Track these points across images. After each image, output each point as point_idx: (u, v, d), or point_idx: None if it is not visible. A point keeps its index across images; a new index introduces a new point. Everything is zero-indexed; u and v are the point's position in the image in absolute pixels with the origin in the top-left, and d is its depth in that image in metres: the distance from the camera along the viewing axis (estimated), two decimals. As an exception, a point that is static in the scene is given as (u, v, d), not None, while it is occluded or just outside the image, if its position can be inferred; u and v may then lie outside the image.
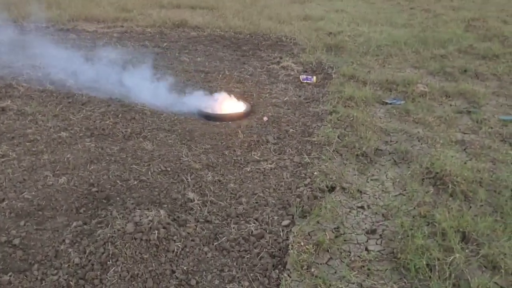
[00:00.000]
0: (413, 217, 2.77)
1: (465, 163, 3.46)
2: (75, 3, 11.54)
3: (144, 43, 7.75)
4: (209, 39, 8.17)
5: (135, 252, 2.37)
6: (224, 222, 2.78)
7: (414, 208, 2.88)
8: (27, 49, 6.99)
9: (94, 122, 4.28)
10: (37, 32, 8.46)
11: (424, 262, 2.28)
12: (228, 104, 4.77)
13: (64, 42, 7.65)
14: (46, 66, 6.07)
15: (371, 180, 3.32)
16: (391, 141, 3.96)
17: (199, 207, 2.91)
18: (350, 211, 2.90)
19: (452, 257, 2.29)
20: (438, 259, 2.29)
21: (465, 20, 9.50)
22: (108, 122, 4.27)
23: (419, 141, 3.94)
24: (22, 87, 5.18)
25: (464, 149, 3.75)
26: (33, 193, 3.03)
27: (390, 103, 4.86)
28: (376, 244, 2.58)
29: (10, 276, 2.26)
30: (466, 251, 2.40)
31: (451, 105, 4.82)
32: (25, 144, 3.76)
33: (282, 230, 2.66)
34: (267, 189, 3.16)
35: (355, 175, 3.37)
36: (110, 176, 3.27)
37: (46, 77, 5.62)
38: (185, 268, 2.37)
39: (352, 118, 4.30)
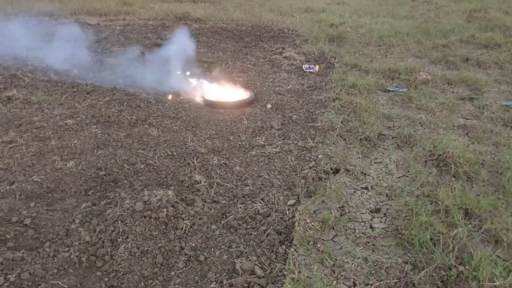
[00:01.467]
0: (417, 197, 2.82)
1: (467, 146, 3.50)
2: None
3: (146, 35, 7.77)
4: (212, 31, 8.20)
5: (145, 229, 2.42)
6: (231, 202, 2.83)
7: (418, 188, 2.92)
8: (30, 41, 7.02)
9: (100, 110, 4.32)
10: (40, 25, 8.47)
11: (428, 237, 2.33)
12: (232, 92, 4.81)
13: (67, 35, 7.68)
14: (50, 58, 6.10)
15: (375, 163, 3.36)
16: (394, 126, 4.00)
17: (206, 188, 2.96)
18: (354, 192, 2.94)
19: (455, 231, 2.33)
20: (442, 234, 2.33)
21: (467, 11, 9.51)
22: (113, 110, 4.31)
23: (421, 126, 3.98)
24: (27, 77, 5.22)
25: (467, 133, 3.79)
26: (42, 176, 3.08)
27: (393, 91, 4.89)
28: (381, 222, 2.62)
29: (23, 253, 2.31)
30: (469, 226, 2.45)
31: (453, 92, 4.86)
32: (32, 131, 3.81)
33: (288, 209, 2.71)
34: (272, 172, 3.20)
35: (358, 158, 3.41)
36: (117, 160, 3.31)
37: (50, 67, 5.66)
38: (193, 244, 2.42)
39: (355, 105, 4.33)
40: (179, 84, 4.97)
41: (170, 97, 4.70)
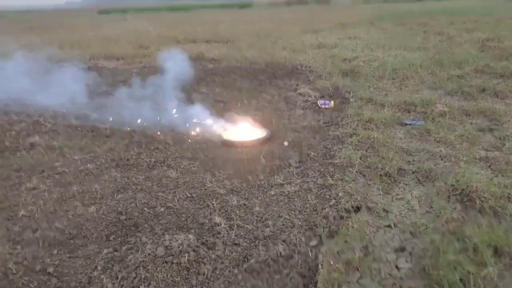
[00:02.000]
0: (443, 234, 2.75)
1: (491, 179, 3.43)
2: (95, 43, 11.97)
3: (162, 77, 7.93)
4: (226, 71, 8.35)
5: (167, 275, 2.40)
6: (252, 244, 2.80)
7: (443, 225, 2.86)
8: (52, 87, 7.23)
9: (119, 153, 4.38)
10: (61, 71, 8.75)
11: (457, 277, 2.25)
12: (249, 131, 4.84)
13: (86, 79, 7.91)
14: (70, 103, 6.27)
15: (396, 199, 3.31)
16: (413, 160, 3.96)
17: (226, 230, 2.94)
18: (377, 230, 2.88)
19: (485, 271, 2.26)
20: (471, 274, 2.26)
21: (480, 41, 9.56)
22: (132, 152, 4.37)
23: (442, 159, 3.93)
24: (48, 123, 5.36)
25: (489, 166, 3.72)
26: (64, 222, 3.10)
27: (410, 124, 4.87)
28: (406, 262, 2.56)
29: (46, 302, 2.31)
30: (500, 265, 2.37)
31: (472, 124, 4.81)
32: (54, 177, 3.87)
33: (311, 251, 2.66)
34: (292, 211, 3.17)
35: (379, 194, 3.37)
36: (137, 204, 3.33)
37: (71, 112, 5.80)
38: (216, 290, 2.38)
39: (372, 140, 4.32)
40: (196, 124, 5.04)
41: (188, 137, 4.75)
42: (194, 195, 3.47)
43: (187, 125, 5.04)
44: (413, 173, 3.72)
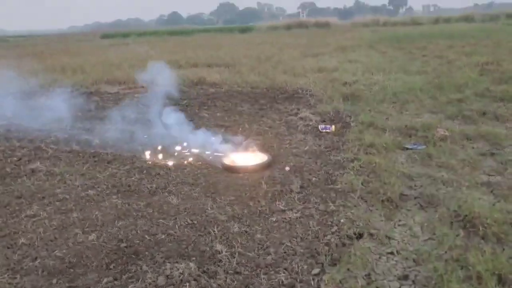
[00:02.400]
0: (446, 261, 2.72)
1: (493, 204, 3.41)
2: (97, 67, 12.10)
3: (164, 101, 7.99)
4: (227, 95, 8.42)
5: (167, 306, 2.37)
6: (253, 273, 2.77)
7: (446, 252, 2.83)
8: (54, 112, 7.29)
9: (120, 179, 4.38)
10: (63, 96, 8.83)
11: (462, 307, 2.22)
12: (250, 156, 4.85)
13: (88, 104, 7.98)
14: (72, 128, 6.31)
15: (399, 225, 3.28)
16: (415, 185, 3.95)
17: (228, 258, 2.91)
18: (380, 258, 2.86)
19: (490, 301, 2.23)
20: (476, 303, 2.22)
21: (479, 64, 9.64)
22: (133, 178, 4.37)
23: (444, 184, 3.92)
24: (50, 149, 5.37)
25: (491, 191, 3.71)
26: (64, 251, 3.07)
27: (411, 148, 4.87)
28: (410, 290, 2.53)
29: (44, 334, 2.27)
30: (505, 294, 2.33)
31: (473, 148, 4.81)
32: (55, 204, 3.86)
33: (313, 279, 2.63)
34: (294, 239, 3.15)
35: (382, 220, 3.35)
36: (138, 231, 3.31)
37: (72, 138, 5.83)
38: (217, 321, 2.35)
39: (374, 165, 4.32)
40: (197, 149, 5.05)
41: (188, 161, 4.76)
42: (195, 222, 3.45)
43: (188, 150, 5.05)
44: (415, 198, 3.70)
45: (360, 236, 3.11)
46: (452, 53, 12.72)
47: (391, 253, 2.91)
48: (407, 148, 4.89)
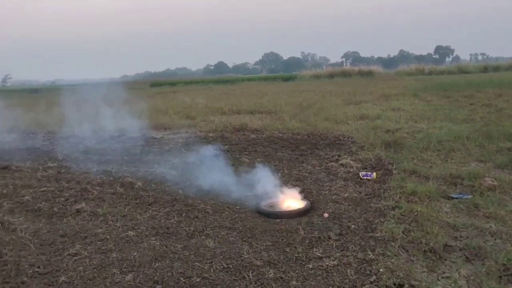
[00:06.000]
0: (494, 319, 2.55)
1: (546, 259, 3.19)
2: (145, 113, 12.58)
3: (206, 147, 8.16)
4: (268, 141, 8.48)
5: None
6: (287, 321, 2.69)
7: (494, 308, 2.65)
8: (101, 156, 7.62)
9: (160, 221, 4.45)
10: (110, 141, 9.23)
11: None
12: (288, 201, 4.82)
13: (133, 148, 8.26)
14: (118, 171, 6.53)
15: (442, 277, 3.12)
16: (460, 236, 3.77)
17: (261, 305, 2.85)
18: (421, 311, 2.71)
19: None
20: None
21: (529, 112, 9.29)
22: (172, 221, 4.43)
23: (492, 236, 3.72)
24: (95, 190, 5.56)
25: (544, 244, 3.48)
26: (101, 290, 3.12)
27: (457, 198, 4.69)
28: None
29: None
30: None
31: (524, 199, 4.57)
32: (96, 243, 3.95)
33: (349, 331, 2.52)
34: (331, 287, 3.05)
35: (424, 272, 3.19)
36: (174, 273, 3.32)
37: (117, 180, 6.02)
38: None
39: (416, 213, 4.17)
40: (237, 193, 5.08)
41: (228, 206, 4.78)
42: (231, 266, 3.42)
43: (228, 194, 5.09)
44: (460, 250, 3.52)
45: (400, 287, 2.97)
46: (501, 101, 12.35)
47: (434, 306, 2.75)
48: (452, 197, 4.71)
